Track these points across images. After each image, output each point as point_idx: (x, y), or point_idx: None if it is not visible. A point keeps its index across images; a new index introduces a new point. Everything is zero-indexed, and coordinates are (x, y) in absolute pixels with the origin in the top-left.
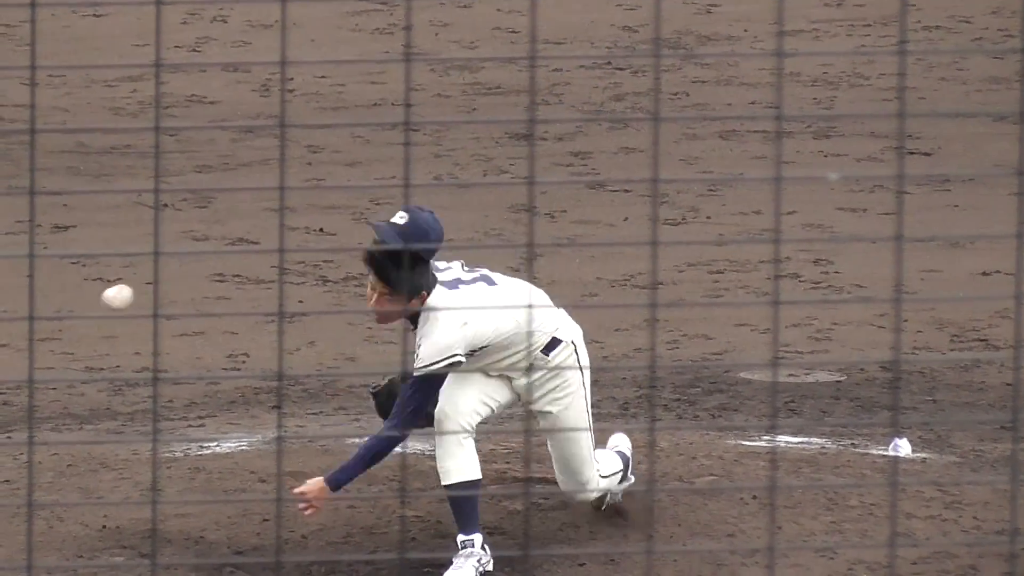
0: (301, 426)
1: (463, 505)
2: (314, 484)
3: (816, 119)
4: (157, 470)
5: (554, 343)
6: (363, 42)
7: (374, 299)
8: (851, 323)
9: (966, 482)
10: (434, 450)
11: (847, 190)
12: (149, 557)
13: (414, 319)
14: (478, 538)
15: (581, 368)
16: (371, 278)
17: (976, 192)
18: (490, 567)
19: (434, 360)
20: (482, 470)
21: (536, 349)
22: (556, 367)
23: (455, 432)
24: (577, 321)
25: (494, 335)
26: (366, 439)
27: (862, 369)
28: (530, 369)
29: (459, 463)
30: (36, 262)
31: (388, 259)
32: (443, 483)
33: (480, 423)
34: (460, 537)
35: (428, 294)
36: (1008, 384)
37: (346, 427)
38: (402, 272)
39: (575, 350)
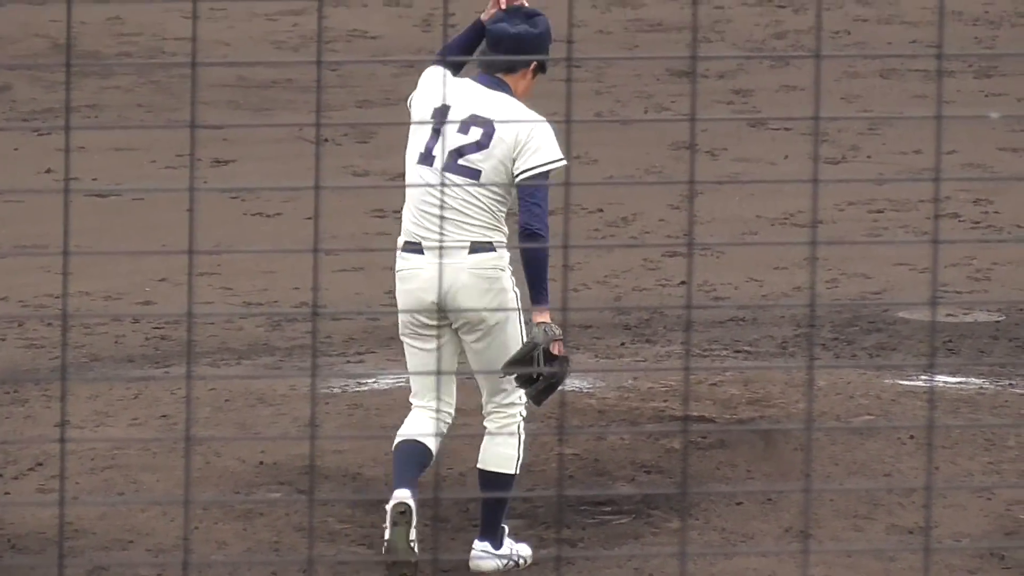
0: (461, 362)
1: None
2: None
3: (977, 58)
4: (315, 406)
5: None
6: None
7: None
8: (1011, 263)
9: None
10: (591, 388)
11: (1008, 129)
12: (307, 493)
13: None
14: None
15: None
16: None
17: None
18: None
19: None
20: (642, 409)
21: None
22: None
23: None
24: (738, 259)
25: None
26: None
27: (1021, 309)
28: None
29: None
30: (196, 196)
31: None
32: (513, 472)
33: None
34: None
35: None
36: None
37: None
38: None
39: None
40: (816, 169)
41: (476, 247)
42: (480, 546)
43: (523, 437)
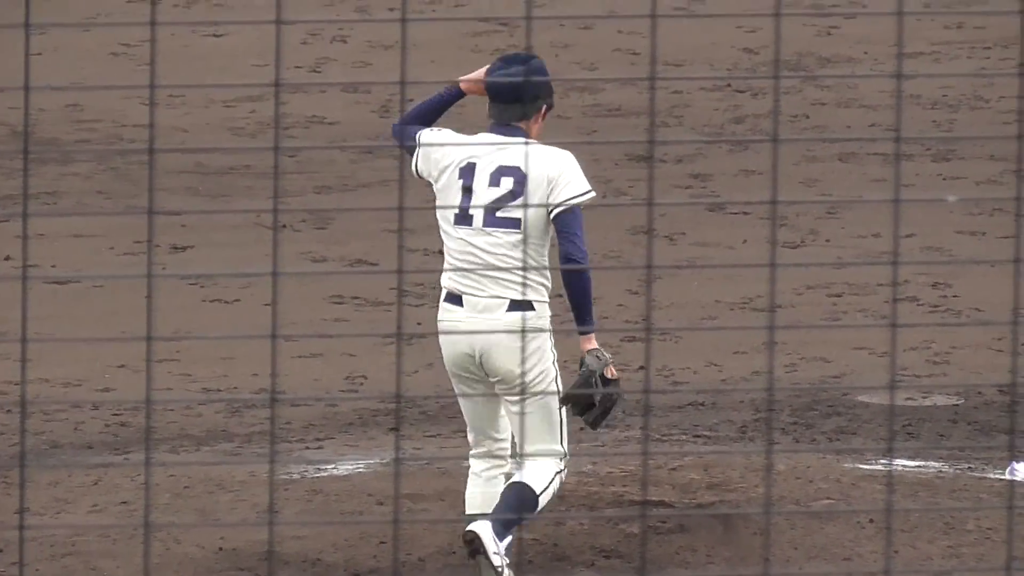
0: (418, 448)
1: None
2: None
3: (936, 141)
4: (274, 492)
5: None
6: (484, 62)
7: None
8: (969, 346)
9: None
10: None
11: (966, 213)
12: None
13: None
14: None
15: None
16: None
17: None
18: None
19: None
20: (600, 493)
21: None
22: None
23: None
24: (697, 343)
25: None
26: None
27: (980, 392)
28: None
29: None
30: (154, 282)
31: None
32: (537, 490)
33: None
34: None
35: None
36: None
37: (464, 450)
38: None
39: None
40: (774, 253)
41: (514, 305)
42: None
43: (556, 484)
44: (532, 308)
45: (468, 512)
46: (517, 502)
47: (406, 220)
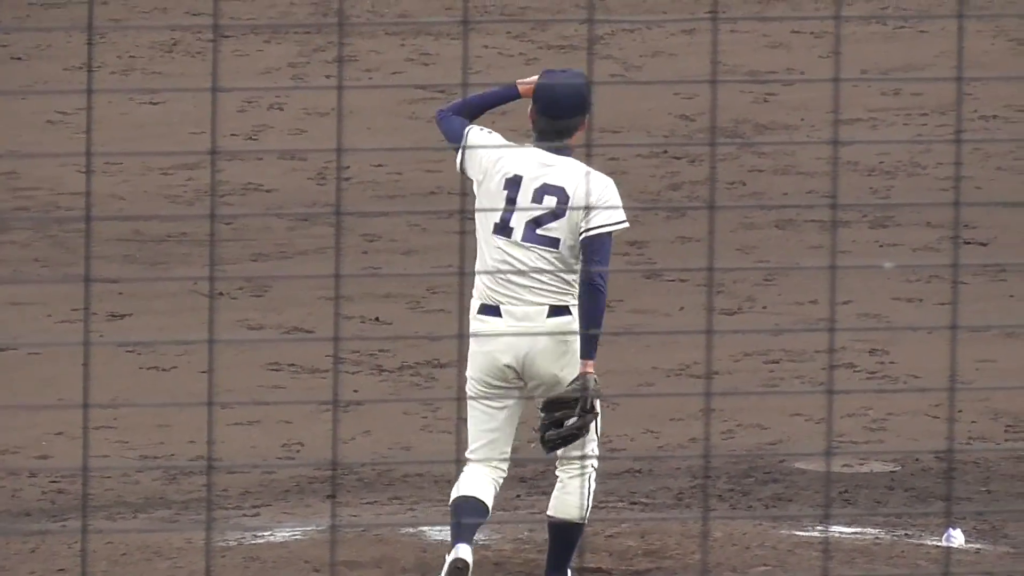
0: (355, 515)
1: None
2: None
3: (873, 208)
4: (211, 559)
5: None
6: (420, 130)
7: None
8: (906, 413)
9: (1020, 573)
10: (487, 540)
11: (903, 279)
12: None
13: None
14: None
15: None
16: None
17: None
18: None
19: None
20: (538, 561)
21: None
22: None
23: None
24: (634, 410)
25: None
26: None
27: (917, 459)
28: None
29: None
30: (91, 349)
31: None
32: (577, 520)
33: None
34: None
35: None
36: None
37: (401, 516)
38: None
39: None
40: (711, 320)
41: (554, 311)
42: None
43: (593, 487)
44: (570, 312)
45: (460, 494)
46: (567, 542)
47: (342, 287)
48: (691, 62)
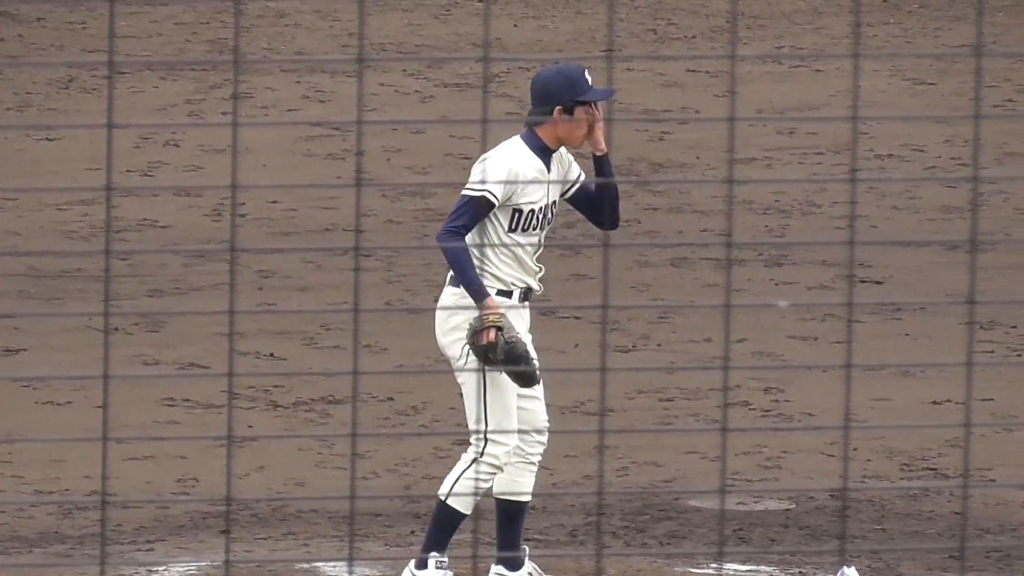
0: (249, 551)
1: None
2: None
3: (768, 246)
4: None
5: None
6: (315, 167)
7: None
8: (801, 451)
9: None
10: None
11: (798, 318)
12: None
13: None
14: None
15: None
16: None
17: (927, 321)
18: None
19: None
20: None
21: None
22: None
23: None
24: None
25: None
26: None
27: (811, 497)
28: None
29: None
30: None
31: None
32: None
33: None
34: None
35: None
36: (957, 513)
37: (295, 552)
38: None
39: None
40: (605, 357)
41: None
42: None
43: (466, 469)
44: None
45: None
46: (433, 518)
47: (237, 323)
48: None
